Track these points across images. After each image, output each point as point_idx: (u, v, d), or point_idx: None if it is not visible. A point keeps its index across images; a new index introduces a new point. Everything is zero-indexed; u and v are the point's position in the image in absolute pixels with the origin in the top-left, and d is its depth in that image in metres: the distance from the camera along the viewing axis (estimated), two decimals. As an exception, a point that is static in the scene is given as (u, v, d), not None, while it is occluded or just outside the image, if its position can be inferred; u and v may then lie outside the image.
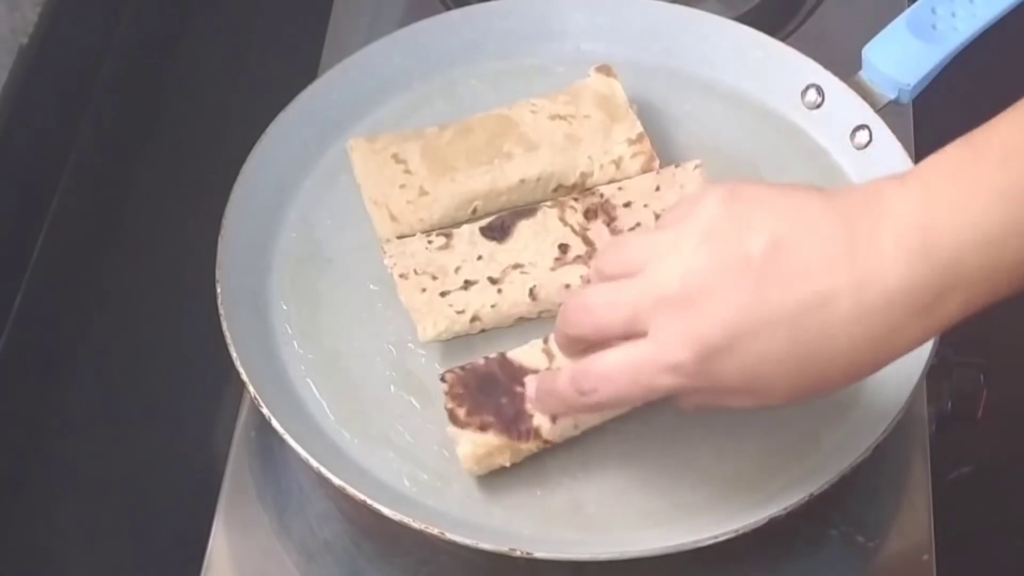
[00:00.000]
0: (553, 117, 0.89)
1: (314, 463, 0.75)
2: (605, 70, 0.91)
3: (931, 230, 0.62)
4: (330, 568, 0.80)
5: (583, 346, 0.71)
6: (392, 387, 0.81)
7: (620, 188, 0.87)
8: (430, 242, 0.84)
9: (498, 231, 0.84)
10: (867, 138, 0.90)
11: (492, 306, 0.82)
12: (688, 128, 0.93)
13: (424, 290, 0.82)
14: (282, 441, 0.76)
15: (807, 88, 0.92)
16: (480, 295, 0.82)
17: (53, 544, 0.89)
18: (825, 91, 0.92)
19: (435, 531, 0.73)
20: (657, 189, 0.86)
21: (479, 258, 0.83)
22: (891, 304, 0.63)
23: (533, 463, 0.78)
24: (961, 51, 0.89)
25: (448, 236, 0.84)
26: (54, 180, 0.96)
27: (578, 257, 0.83)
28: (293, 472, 0.83)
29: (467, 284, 0.82)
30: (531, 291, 0.82)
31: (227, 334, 0.80)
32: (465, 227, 0.85)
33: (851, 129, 0.90)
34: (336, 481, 0.75)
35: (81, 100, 1.00)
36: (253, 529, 0.81)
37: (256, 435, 0.84)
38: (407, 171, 0.87)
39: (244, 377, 0.78)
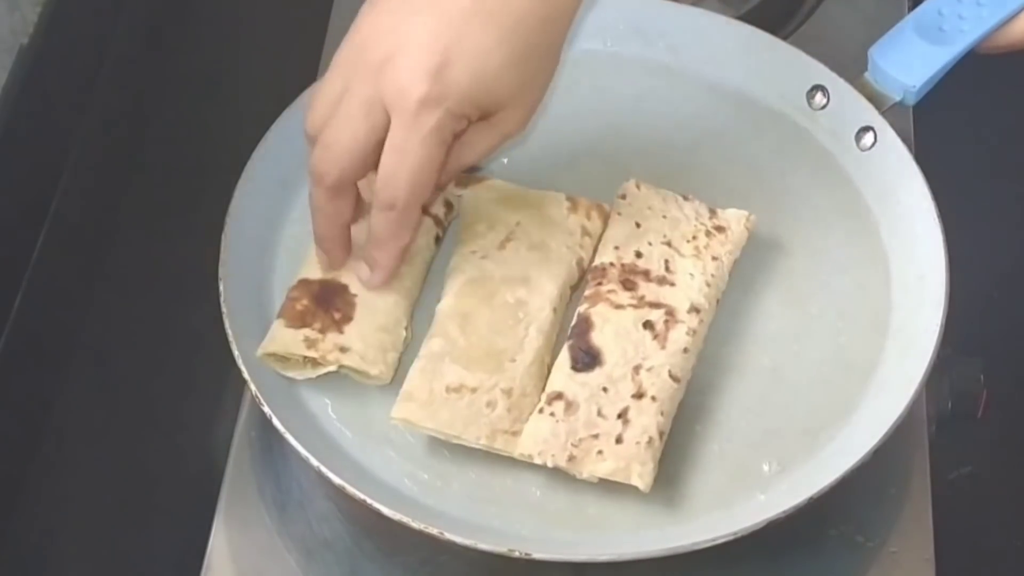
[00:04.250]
0: (503, 246, 0.84)
1: (314, 461, 0.75)
2: (464, 181, 0.87)
3: None
4: (330, 567, 0.80)
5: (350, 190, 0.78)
6: (393, 386, 0.81)
7: (616, 247, 0.84)
8: (552, 415, 0.78)
9: (587, 360, 0.79)
10: (872, 140, 0.89)
11: (662, 414, 0.78)
12: (692, 129, 0.93)
13: (601, 452, 0.76)
14: (282, 440, 0.76)
15: (813, 89, 0.92)
16: (642, 415, 0.77)
17: (54, 544, 0.89)
18: (831, 93, 0.91)
19: (434, 531, 0.73)
20: (664, 217, 0.85)
21: (604, 390, 0.79)
22: None
23: (531, 463, 0.78)
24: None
25: (559, 397, 0.78)
26: (54, 180, 0.96)
27: (666, 321, 0.81)
28: (293, 471, 0.83)
29: (623, 416, 0.78)
30: (671, 375, 0.79)
31: (229, 331, 0.80)
32: (557, 377, 0.79)
33: (856, 131, 0.90)
34: (336, 480, 0.75)
35: (81, 100, 1.00)
36: (253, 528, 0.81)
37: (256, 435, 0.84)
38: (473, 390, 0.79)
39: (245, 375, 0.78)
